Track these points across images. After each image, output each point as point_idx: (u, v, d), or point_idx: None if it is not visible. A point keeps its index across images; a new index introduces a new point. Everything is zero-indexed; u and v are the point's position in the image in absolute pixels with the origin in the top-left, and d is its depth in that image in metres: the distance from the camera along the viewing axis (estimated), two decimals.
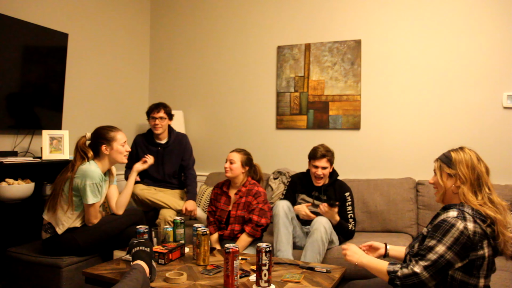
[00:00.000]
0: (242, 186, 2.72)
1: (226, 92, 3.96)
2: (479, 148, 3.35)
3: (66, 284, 2.25)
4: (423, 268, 1.48)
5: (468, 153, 1.66)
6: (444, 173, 1.65)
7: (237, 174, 2.70)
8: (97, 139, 2.40)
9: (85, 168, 2.29)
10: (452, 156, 1.66)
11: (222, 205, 2.75)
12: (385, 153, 3.36)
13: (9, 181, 2.58)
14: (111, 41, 3.81)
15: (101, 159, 2.41)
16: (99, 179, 2.31)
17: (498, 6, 3.05)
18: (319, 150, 2.73)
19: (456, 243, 1.46)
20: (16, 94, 2.89)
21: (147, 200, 3.10)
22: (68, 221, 2.30)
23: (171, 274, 1.91)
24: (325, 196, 2.78)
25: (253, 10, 3.83)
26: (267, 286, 1.77)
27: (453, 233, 1.47)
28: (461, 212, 1.52)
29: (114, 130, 2.44)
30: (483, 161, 1.65)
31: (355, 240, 2.75)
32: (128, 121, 4.03)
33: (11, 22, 2.76)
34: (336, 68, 3.51)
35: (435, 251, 1.48)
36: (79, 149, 2.37)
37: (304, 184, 2.86)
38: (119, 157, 2.43)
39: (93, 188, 2.28)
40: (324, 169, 2.73)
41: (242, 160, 2.70)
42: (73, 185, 2.28)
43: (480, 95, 3.10)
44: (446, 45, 3.19)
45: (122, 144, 2.43)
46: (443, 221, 1.51)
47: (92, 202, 2.29)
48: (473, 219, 1.50)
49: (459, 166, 1.61)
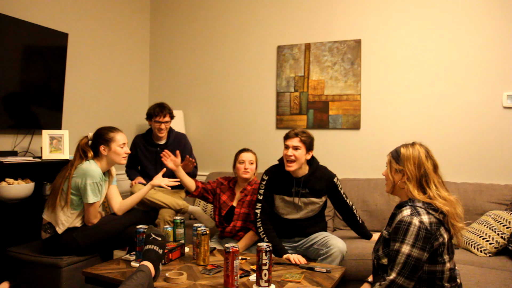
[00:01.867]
0: (247, 184, 2.71)
1: (226, 92, 3.96)
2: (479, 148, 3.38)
3: (66, 284, 2.25)
4: (396, 273, 1.51)
5: (417, 149, 1.67)
6: (392, 168, 1.71)
7: (254, 174, 2.73)
8: (97, 139, 2.40)
9: (86, 167, 2.29)
10: (401, 152, 1.70)
11: (226, 198, 2.72)
12: (385, 153, 3.31)
13: (9, 181, 2.58)
14: (111, 41, 3.81)
15: (100, 159, 2.41)
16: (99, 178, 2.31)
17: (498, 6, 3.05)
18: (293, 130, 2.49)
19: (418, 239, 1.50)
20: (16, 94, 2.89)
21: (146, 200, 3.10)
22: (68, 220, 2.30)
23: (171, 274, 1.91)
24: (306, 189, 2.47)
25: (253, 10, 3.83)
26: (267, 286, 1.78)
27: (412, 230, 1.51)
28: (414, 208, 1.57)
29: (114, 131, 2.44)
30: (432, 158, 1.67)
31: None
32: (128, 121, 4.03)
33: (11, 22, 2.76)
34: (336, 68, 3.51)
35: (402, 252, 1.51)
36: (80, 148, 2.37)
37: (281, 180, 2.51)
38: (117, 158, 2.42)
39: (93, 187, 2.28)
40: (296, 150, 2.41)
41: (257, 160, 2.74)
42: (73, 184, 2.28)
43: (480, 95, 3.10)
44: (446, 45, 3.19)
45: (121, 145, 2.42)
46: (400, 222, 1.55)
47: (93, 201, 2.29)
48: (426, 212, 1.56)
49: (406, 163, 1.65)
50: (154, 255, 1.90)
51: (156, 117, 3.21)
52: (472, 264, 2.30)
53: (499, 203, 2.78)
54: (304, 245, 2.50)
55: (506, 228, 2.45)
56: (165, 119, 3.21)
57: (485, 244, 2.46)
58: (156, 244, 1.94)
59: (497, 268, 2.27)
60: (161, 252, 1.94)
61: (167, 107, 3.27)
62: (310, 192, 2.48)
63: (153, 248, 1.92)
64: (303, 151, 2.43)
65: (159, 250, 1.93)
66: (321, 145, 3.46)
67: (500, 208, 2.74)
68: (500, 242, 2.44)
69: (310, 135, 2.49)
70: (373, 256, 1.73)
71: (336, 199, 2.56)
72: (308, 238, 2.49)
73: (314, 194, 2.48)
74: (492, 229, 2.49)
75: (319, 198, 2.49)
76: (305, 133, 2.47)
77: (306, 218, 2.51)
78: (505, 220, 2.49)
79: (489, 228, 2.51)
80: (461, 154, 3.12)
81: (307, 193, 2.48)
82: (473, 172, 3.08)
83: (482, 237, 2.50)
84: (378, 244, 1.71)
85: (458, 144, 3.14)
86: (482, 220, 2.62)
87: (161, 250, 1.94)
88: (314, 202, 2.48)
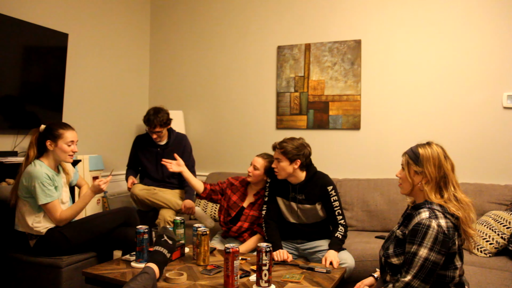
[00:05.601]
0: (262, 189, 2.67)
1: (226, 92, 3.96)
2: (479, 148, 3.38)
3: (66, 284, 2.25)
4: (412, 276, 1.49)
5: (435, 150, 1.63)
6: (411, 169, 1.65)
7: (259, 180, 2.65)
8: (45, 133, 2.35)
9: (30, 170, 2.25)
10: (420, 152, 1.63)
11: (237, 198, 2.70)
12: (385, 153, 3.36)
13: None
14: (111, 41, 3.81)
15: (47, 155, 2.35)
16: (45, 178, 2.24)
17: (497, 6, 3.05)
18: (276, 142, 2.47)
19: (436, 243, 1.48)
20: (16, 94, 2.89)
21: (146, 200, 3.10)
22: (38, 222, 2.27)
23: (171, 274, 1.91)
24: (303, 195, 2.47)
25: (253, 10, 3.83)
26: (267, 286, 1.77)
27: (431, 233, 1.48)
28: (432, 211, 1.54)
29: (64, 128, 2.37)
30: (450, 158, 1.64)
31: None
32: (128, 121, 4.03)
33: (11, 22, 2.76)
34: (336, 68, 3.51)
35: (419, 255, 1.49)
36: (28, 147, 2.34)
37: (280, 184, 2.54)
38: (63, 156, 2.35)
39: (42, 187, 2.22)
40: (279, 162, 2.41)
41: (266, 167, 2.60)
42: (23, 188, 2.25)
43: (480, 95, 3.10)
44: (446, 45, 3.19)
45: (68, 143, 2.34)
46: (418, 224, 1.52)
47: (44, 202, 2.23)
48: (443, 215, 1.53)
49: (426, 165, 1.60)
50: (162, 258, 1.90)
51: (147, 127, 3.24)
52: (472, 264, 2.30)
53: (499, 203, 2.78)
54: (308, 249, 2.49)
55: (506, 228, 2.45)
56: (155, 130, 3.20)
57: (485, 244, 2.46)
58: (166, 247, 1.94)
59: (497, 268, 2.27)
60: (169, 256, 1.94)
61: (160, 117, 3.17)
62: (306, 198, 2.46)
63: (162, 251, 1.92)
64: (286, 163, 2.41)
65: (167, 253, 1.93)
66: (321, 146, 3.48)
67: (500, 208, 2.74)
68: (500, 242, 2.44)
69: (293, 145, 2.41)
70: (382, 253, 1.71)
71: (326, 207, 2.46)
72: (314, 243, 2.48)
73: (309, 201, 2.46)
74: (492, 229, 2.49)
75: (313, 205, 2.46)
76: (284, 144, 2.41)
77: (309, 224, 2.49)
78: (505, 220, 2.49)
79: (489, 228, 2.51)
80: (461, 154, 3.11)
81: (303, 199, 2.47)
82: (473, 172, 3.08)
83: (482, 237, 2.50)
84: (388, 242, 1.69)
85: (458, 144, 3.14)
86: (482, 220, 2.62)
87: (169, 254, 1.94)
88: (309, 208, 2.46)
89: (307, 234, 2.50)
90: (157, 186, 3.30)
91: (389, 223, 3.03)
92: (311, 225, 2.49)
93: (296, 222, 2.51)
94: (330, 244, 2.33)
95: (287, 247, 2.50)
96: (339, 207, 2.44)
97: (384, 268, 1.68)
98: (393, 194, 3.08)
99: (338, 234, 2.36)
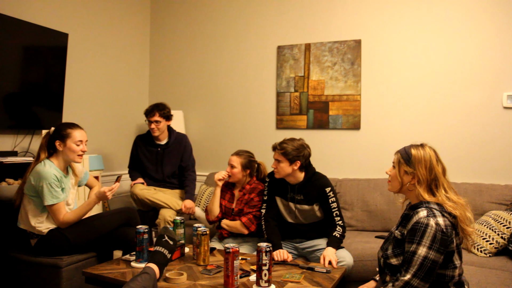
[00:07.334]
0: (246, 184, 2.72)
1: (226, 92, 3.96)
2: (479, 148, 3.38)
3: (66, 284, 2.25)
4: (412, 275, 1.49)
5: (428, 152, 1.64)
6: (402, 169, 1.66)
7: (239, 178, 2.69)
8: (54, 134, 2.36)
9: (39, 170, 2.25)
10: (412, 153, 1.64)
11: (226, 202, 2.75)
12: (385, 153, 3.33)
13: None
14: (111, 41, 3.81)
15: (57, 156, 2.36)
16: (53, 179, 2.24)
17: (497, 6, 3.05)
18: (276, 142, 2.49)
19: (435, 241, 1.49)
20: (16, 94, 2.89)
21: (146, 200, 3.10)
22: (40, 222, 2.28)
23: (171, 274, 1.91)
24: (301, 195, 2.48)
25: (253, 10, 3.83)
26: (267, 286, 1.78)
27: (429, 232, 1.49)
28: (430, 210, 1.55)
29: (72, 127, 2.38)
30: (441, 162, 1.65)
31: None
32: (128, 121, 4.03)
33: (11, 22, 2.76)
34: (336, 68, 3.51)
35: (418, 254, 1.49)
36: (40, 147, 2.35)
37: (280, 184, 2.55)
38: (72, 156, 2.35)
39: (49, 188, 2.22)
40: (278, 163, 2.43)
41: (242, 164, 2.68)
42: (30, 187, 2.25)
43: (480, 95, 3.10)
44: (446, 45, 3.19)
45: (77, 142, 2.35)
46: (417, 223, 1.53)
47: (51, 203, 2.23)
48: (441, 214, 1.54)
49: (418, 166, 1.62)
50: (162, 258, 1.90)
51: (147, 116, 3.23)
52: (472, 264, 2.30)
53: (499, 203, 2.78)
54: (306, 248, 2.49)
55: (506, 228, 2.45)
56: (154, 118, 3.18)
57: (485, 244, 2.46)
58: (167, 248, 1.94)
59: (497, 268, 2.27)
60: (169, 256, 1.94)
61: (160, 106, 3.21)
62: (304, 199, 2.47)
63: (162, 251, 1.92)
64: (286, 163, 2.42)
65: (168, 254, 1.93)
66: (321, 145, 3.48)
67: (500, 208, 2.74)
68: (500, 242, 2.44)
69: (293, 146, 2.41)
70: (380, 254, 1.71)
71: (324, 208, 2.45)
72: (312, 242, 2.48)
73: (307, 201, 2.46)
74: (492, 229, 2.49)
75: (311, 206, 2.46)
76: (284, 145, 2.42)
77: (307, 224, 2.50)
78: (505, 220, 2.49)
79: (489, 228, 2.51)
80: (461, 154, 3.12)
81: (301, 199, 2.47)
82: (473, 172, 3.08)
83: (482, 237, 2.50)
84: (387, 243, 1.69)
85: (458, 144, 3.14)
86: (482, 220, 2.62)
87: (169, 255, 1.94)
88: (307, 209, 2.46)
89: (305, 233, 2.51)
90: (157, 186, 3.30)
91: (389, 223, 3.03)
92: (308, 225, 2.50)
93: (294, 222, 2.52)
94: (328, 242, 2.33)
95: (286, 247, 2.51)
96: (337, 208, 2.44)
97: (383, 269, 1.68)
98: (393, 194, 3.06)
99: (336, 233, 2.37)
